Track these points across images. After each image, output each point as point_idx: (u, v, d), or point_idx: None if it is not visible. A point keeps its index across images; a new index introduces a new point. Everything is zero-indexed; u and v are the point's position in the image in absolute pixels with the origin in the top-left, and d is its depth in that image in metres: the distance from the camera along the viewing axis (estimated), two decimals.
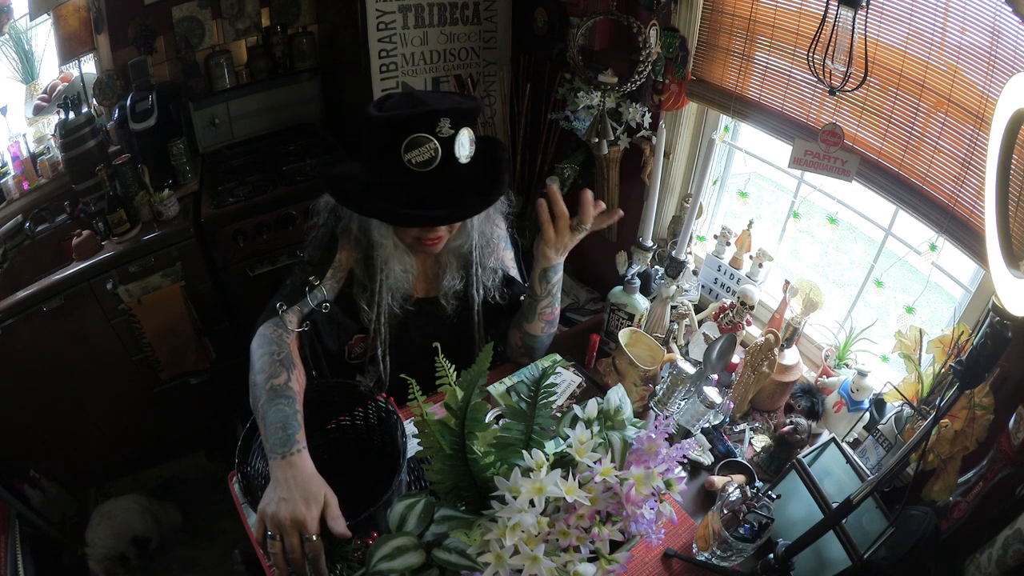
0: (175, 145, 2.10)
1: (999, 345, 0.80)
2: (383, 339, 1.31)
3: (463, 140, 1.08)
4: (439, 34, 2.12)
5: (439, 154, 1.06)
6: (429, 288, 1.36)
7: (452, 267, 1.30)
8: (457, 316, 1.36)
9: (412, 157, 1.05)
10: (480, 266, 1.33)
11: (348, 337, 1.30)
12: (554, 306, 1.34)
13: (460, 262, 1.31)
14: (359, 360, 1.35)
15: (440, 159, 1.06)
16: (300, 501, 0.87)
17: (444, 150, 1.06)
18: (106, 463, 2.28)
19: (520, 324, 1.37)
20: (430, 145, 1.05)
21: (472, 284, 1.34)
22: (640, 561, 1.09)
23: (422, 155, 1.05)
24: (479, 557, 0.75)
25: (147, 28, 2.03)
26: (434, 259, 1.32)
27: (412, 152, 1.05)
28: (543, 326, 1.36)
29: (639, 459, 0.80)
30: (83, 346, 1.97)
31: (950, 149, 1.14)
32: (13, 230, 1.97)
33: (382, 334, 1.31)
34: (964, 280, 1.29)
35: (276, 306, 1.17)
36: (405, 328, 1.34)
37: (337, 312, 1.26)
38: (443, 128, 1.05)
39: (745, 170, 1.75)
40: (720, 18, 1.51)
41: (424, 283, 1.37)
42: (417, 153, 1.05)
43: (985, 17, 1.02)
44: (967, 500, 1.03)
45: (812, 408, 1.39)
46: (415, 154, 1.05)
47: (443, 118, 1.04)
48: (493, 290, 1.36)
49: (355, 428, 1.18)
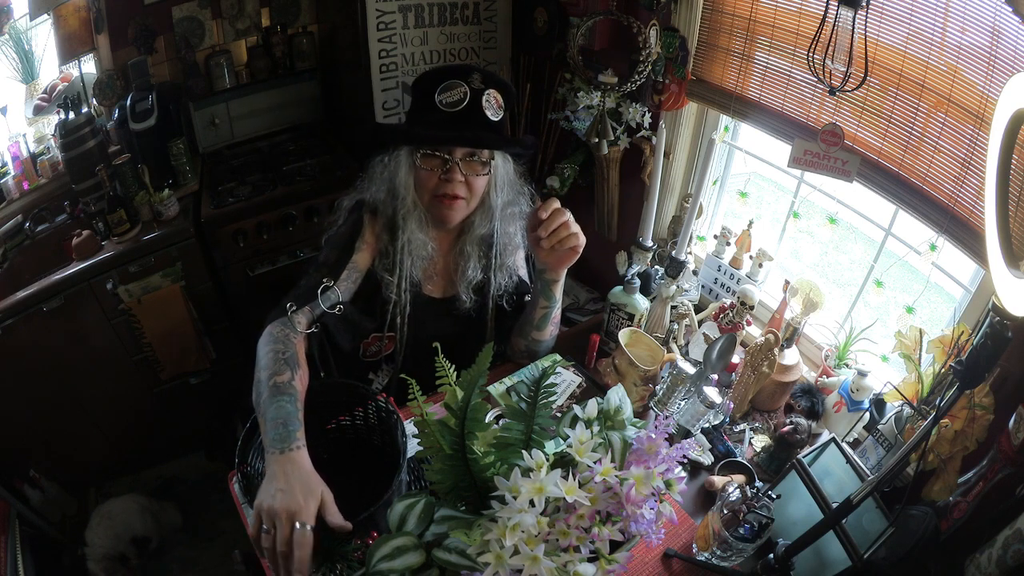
0: (175, 145, 2.10)
1: (999, 345, 0.80)
2: (401, 336, 1.33)
3: (492, 96, 1.20)
4: (439, 34, 2.12)
5: (467, 98, 1.18)
6: (448, 287, 1.38)
7: (475, 256, 1.33)
8: (474, 312, 1.37)
9: (444, 98, 1.18)
10: (500, 261, 1.36)
11: (364, 336, 1.32)
12: (560, 310, 1.38)
13: (482, 251, 1.35)
14: (374, 358, 1.36)
15: (468, 102, 1.18)
16: (298, 493, 0.87)
17: (472, 97, 1.19)
18: (106, 463, 2.28)
19: (527, 333, 1.39)
20: (460, 89, 1.18)
21: (490, 281, 1.36)
22: (640, 561, 1.09)
23: (452, 96, 1.18)
24: (479, 557, 0.75)
25: (147, 28, 2.03)
26: (458, 250, 1.34)
27: (444, 94, 1.18)
28: (551, 329, 1.39)
29: (639, 459, 0.80)
30: (83, 346, 1.97)
31: (950, 149, 1.14)
32: (13, 230, 1.97)
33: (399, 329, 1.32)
34: (964, 280, 1.29)
35: (286, 305, 1.18)
36: (423, 326, 1.36)
37: (352, 312, 1.28)
38: (475, 80, 1.19)
39: (745, 170, 1.75)
40: (720, 18, 1.51)
41: (444, 281, 1.39)
42: (449, 95, 1.18)
43: (985, 17, 1.02)
44: (967, 500, 1.03)
45: (812, 408, 1.39)
46: (447, 95, 1.18)
47: (476, 72, 1.20)
48: (507, 290, 1.38)
49: (355, 428, 1.18)
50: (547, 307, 1.33)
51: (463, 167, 1.22)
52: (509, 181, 1.31)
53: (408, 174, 1.25)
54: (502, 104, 1.23)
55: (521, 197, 1.35)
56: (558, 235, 1.16)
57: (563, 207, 1.18)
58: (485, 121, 1.20)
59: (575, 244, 1.18)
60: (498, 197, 1.29)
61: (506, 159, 1.30)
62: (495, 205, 1.30)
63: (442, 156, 1.21)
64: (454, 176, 1.21)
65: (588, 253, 1.24)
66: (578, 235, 1.18)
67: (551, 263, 1.24)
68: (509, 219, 1.33)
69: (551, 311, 1.34)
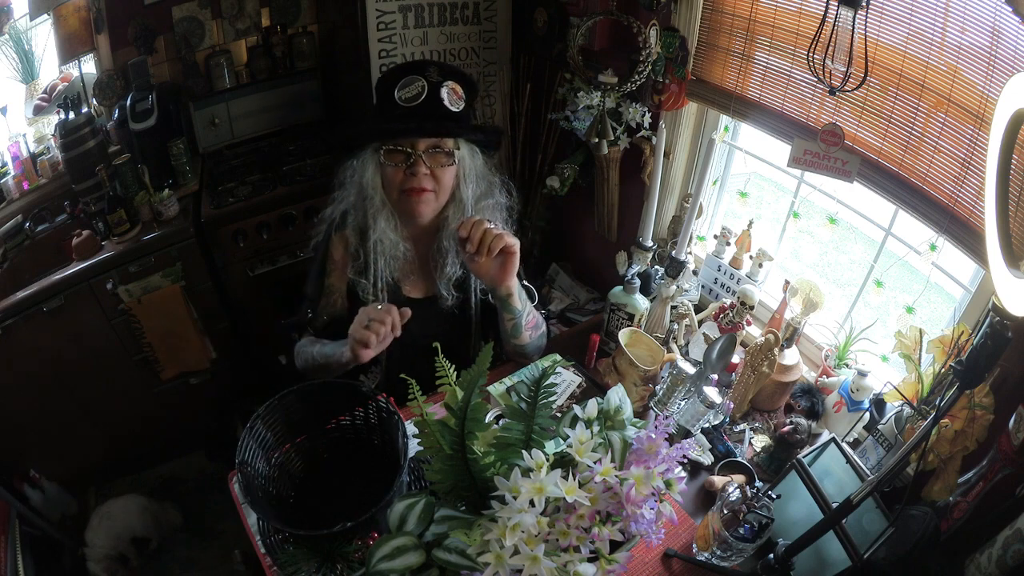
0: (175, 145, 2.10)
1: (999, 345, 0.80)
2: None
3: (450, 88, 1.23)
4: (439, 34, 2.12)
5: (425, 91, 1.21)
6: (428, 287, 1.38)
7: (452, 252, 1.33)
8: (457, 310, 1.37)
9: (402, 94, 1.22)
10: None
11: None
12: (531, 315, 1.36)
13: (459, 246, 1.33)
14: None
15: (426, 96, 1.21)
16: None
17: (431, 90, 1.21)
18: (106, 463, 2.28)
19: (508, 341, 1.39)
20: (418, 83, 1.21)
21: (470, 276, 1.35)
22: (640, 561, 1.09)
23: (410, 91, 1.21)
24: (479, 557, 0.75)
25: (147, 28, 2.03)
26: (436, 247, 1.34)
27: (403, 90, 1.22)
28: (529, 333, 1.38)
29: (639, 459, 0.80)
30: (83, 346, 1.97)
31: (950, 149, 1.14)
32: (13, 230, 1.97)
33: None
34: (964, 280, 1.29)
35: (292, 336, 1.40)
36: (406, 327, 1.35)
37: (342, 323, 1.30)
38: (432, 74, 1.22)
39: (745, 170, 1.75)
40: (720, 18, 1.51)
41: (423, 281, 1.38)
42: (407, 90, 1.21)
43: (985, 17, 1.02)
44: (967, 500, 1.03)
45: (812, 408, 1.39)
46: (405, 91, 1.21)
47: (432, 66, 1.23)
48: None
49: (355, 428, 1.18)
50: (513, 319, 1.32)
51: (427, 159, 1.23)
52: (479, 173, 1.32)
53: (375, 173, 1.27)
54: (462, 95, 1.25)
55: (495, 189, 1.35)
56: (485, 242, 1.15)
57: (479, 217, 1.18)
58: (445, 112, 1.22)
59: (506, 243, 1.17)
60: (468, 189, 1.30)
61: (473, 151, 1.30)
62: (466, 198, 1.30)
63: (405, 150, 1.23)
64: (419, 169, 1.22)
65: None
66: (503, 235, 1.17)
67: (495, 276, 1.23)
68: (484, 212, 1.33)
69: (519, 320, 1.33)
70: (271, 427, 1.07)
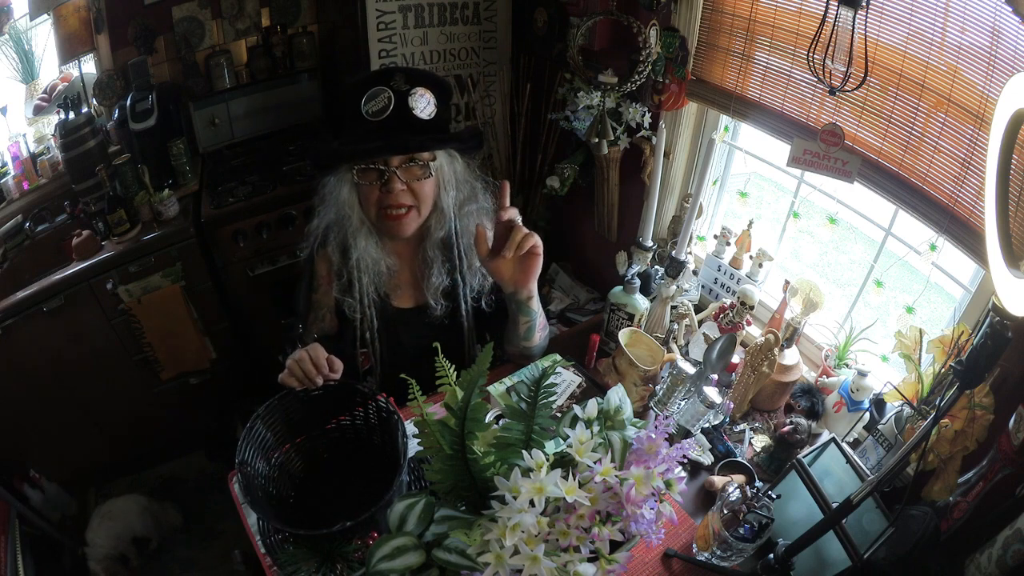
0: (175, 145, 2.10)
1: (999, 345, 0.80)
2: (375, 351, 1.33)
3: (419, 95, 1.17)
4: (439, 34, 2.12)
5: (392, 103, 1.15)
6: (418, 296, 1.36)
7: (438, 262, 1.30)
8: (447, 319, 1.35)
9: (368, 108, 1.15)
10: (468, 261, 1.33)
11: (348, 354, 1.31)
12: (543, 316, 1.35)
13: (445, 255, 1.32)
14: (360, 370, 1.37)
15: (393, 107, 1.15)
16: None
17: (398, 101, 1.15)
18: (106, 463, 2.28)
19: (517, 343, 1.37)
20: (384, 95, 1.15)
21: (460, 284, 1.33)
22: (640, 561, 1.09)
23: (376, 104, 1.15)
24: (479, 557, 0.75)
25: (147, 28, 2.03)
26: (420, 258, 1.32)
27: (369, 104, 1.15)
28: (540, 335, 1.37)
29: (639, 459, 0.80)
30: (83, 346, 1.97)
31: (950, 149, 1.14)
32: (13, 230, 1.97)
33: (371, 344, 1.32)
34: (964, 280, 1.28)
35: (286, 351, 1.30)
36: (397, 338, 1.35)
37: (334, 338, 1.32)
38: (398, 83, 1.15)
39: (745, 170, 1.75)
40: (720, 18, 1.51)
41: (413, 291, 1.37)
42: (373, 103, 1.15)
43: (985, 17, 1.02)
44: (967, 500, 1.03)
45: (812, 408, 1.39)
46: (371, 105, 1.15)
47: (398, 74, 1.16)
48: (482, 293, 1.36)
49: (355, 428, 1.18)
50: (529, 321, 1.31)
51: (402, 175, 1.19)
52: (459, 178, 1.27)
53: (351, 192, 1.23)
54: (433, 100, 1.19)
55: (478, 192, 1.30)
56: (515, 240, 1.13)
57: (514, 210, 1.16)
58: (415, 122, 1.17)
59: (534, 244, 1.15)
60: (449, 197, 1.26)
61: (452, 157, 1.26)
62: (447, 206, 1.26)
63: (377, 168, 1.18)
64: (394, 185, 1.18)
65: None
66: (533, 234, 1.15)
67: (517, 278, 1.21)
68: (469, 217, 1.30)
69: (533, 322, 1.32)
70: (271, 427, 1.07)
